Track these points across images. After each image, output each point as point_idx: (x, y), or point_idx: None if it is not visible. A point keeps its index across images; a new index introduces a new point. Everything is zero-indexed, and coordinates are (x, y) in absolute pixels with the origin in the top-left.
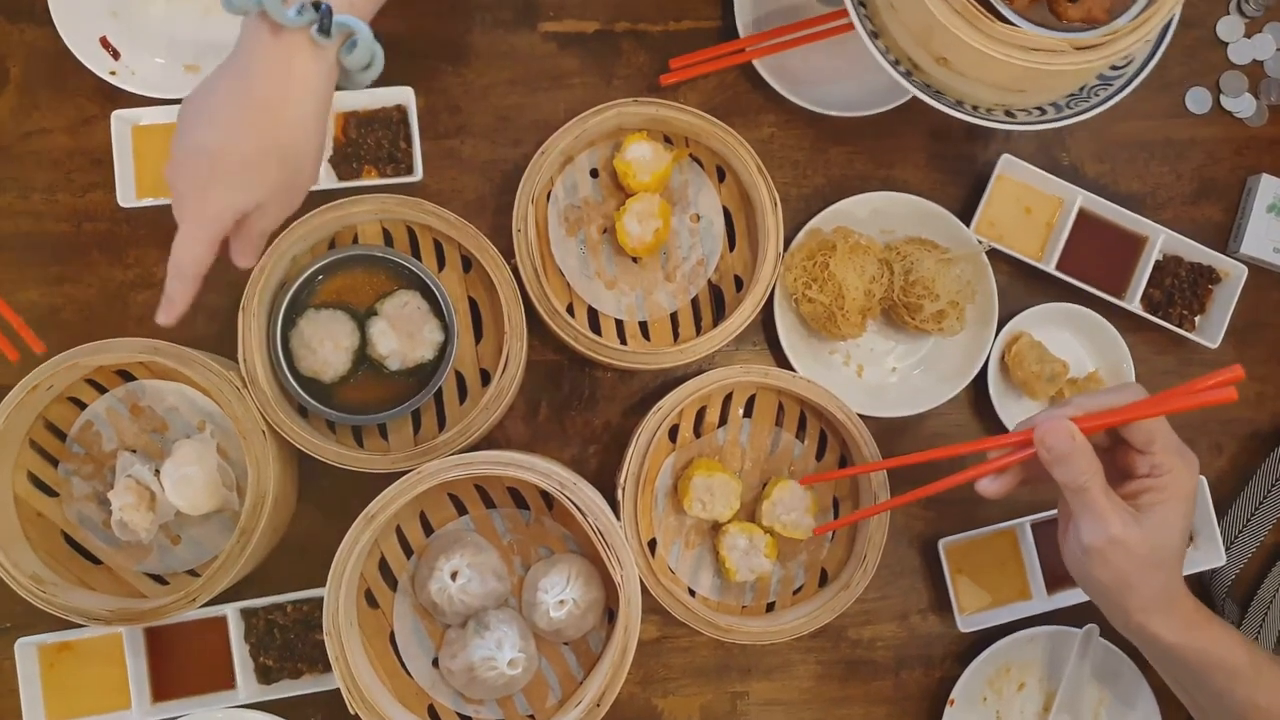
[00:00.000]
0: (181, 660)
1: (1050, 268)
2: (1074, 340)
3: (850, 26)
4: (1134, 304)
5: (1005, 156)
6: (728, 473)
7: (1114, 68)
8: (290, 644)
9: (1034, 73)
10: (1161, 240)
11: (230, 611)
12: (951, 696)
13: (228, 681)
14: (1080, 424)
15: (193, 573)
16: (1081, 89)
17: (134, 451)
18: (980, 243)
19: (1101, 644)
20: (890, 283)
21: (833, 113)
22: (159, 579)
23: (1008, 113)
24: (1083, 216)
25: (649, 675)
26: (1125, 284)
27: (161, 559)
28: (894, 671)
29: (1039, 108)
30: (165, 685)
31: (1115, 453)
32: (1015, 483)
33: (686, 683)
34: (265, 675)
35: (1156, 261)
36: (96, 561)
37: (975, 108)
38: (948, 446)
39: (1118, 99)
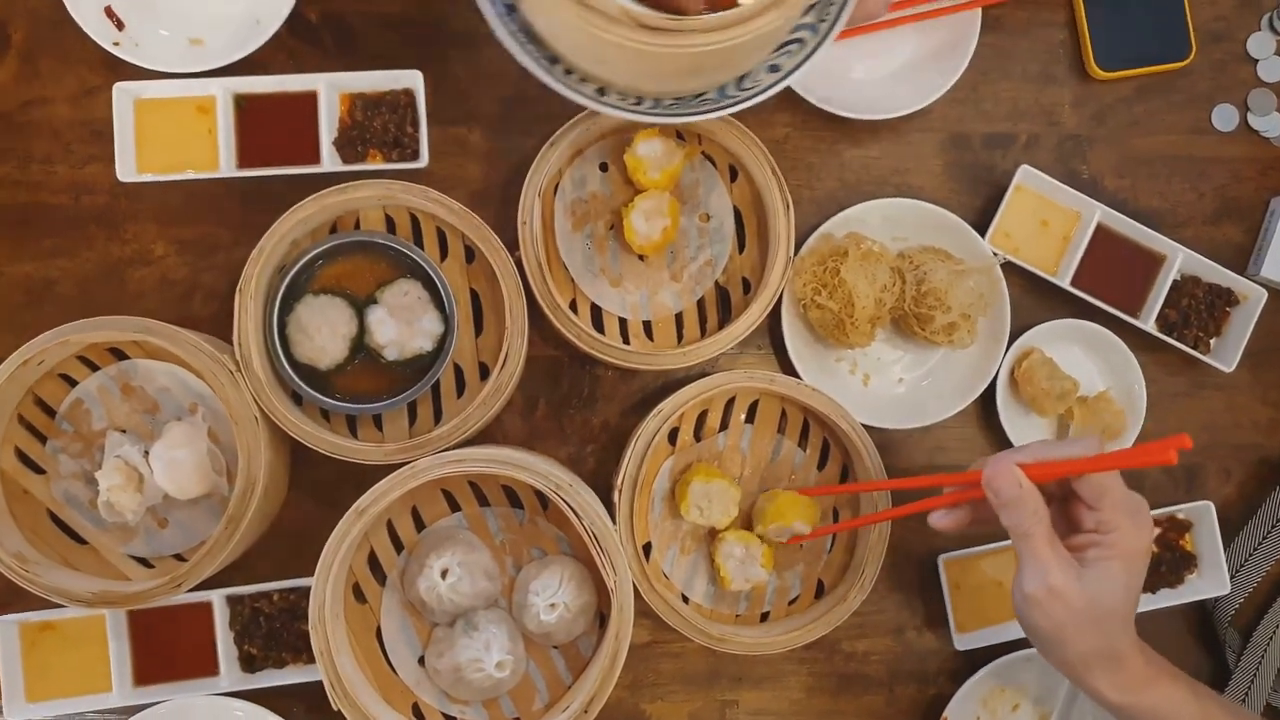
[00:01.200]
0: (165, 645)
1: (1065, 283)
2: (1086, 358)
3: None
4: (1149, 324)
5: (1024, 167)
6: (727, 479)
7: (740, 88)
8: (275, 633)
9: (600, 41)
10: (1180, 260)
11: (216, 598)
12: (945, 714)
13: (211, 668)
14: (1028, 471)
15: (179, 557)
16: (698, 96)
17: (124, 432)
18: (995, 255)
19: None
20: (901, 292)
21: (849, 115)
22: (145, 562)
23: (600, 90)
24: (1100, 232)
25: (638, 680)
26: (1141, 303)
27: (148, 542)
28: (887, 686)
29: (636, 98)
30: (148, 669)
31: (1068, 505)
32: (968, 520)
33: (676, 689)
34: (249, 664)
35: (1174, 281)
36: (82, 542)
37: (569, 72)
38: (910, 478)
39: (711, 116)
